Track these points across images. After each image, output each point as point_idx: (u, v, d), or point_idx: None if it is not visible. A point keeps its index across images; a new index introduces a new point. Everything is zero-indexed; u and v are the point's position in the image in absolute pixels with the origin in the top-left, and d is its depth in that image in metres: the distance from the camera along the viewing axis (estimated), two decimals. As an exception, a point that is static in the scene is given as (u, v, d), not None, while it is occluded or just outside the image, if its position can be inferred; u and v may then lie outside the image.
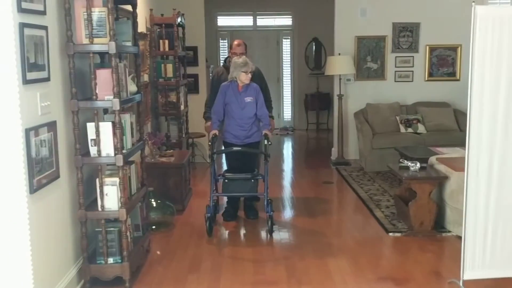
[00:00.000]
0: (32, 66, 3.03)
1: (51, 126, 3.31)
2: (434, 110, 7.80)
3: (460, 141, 5.46)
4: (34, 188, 3.03)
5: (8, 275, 2.93)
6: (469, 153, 3.39)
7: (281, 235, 4.94)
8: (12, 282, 2.95)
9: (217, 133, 5.16)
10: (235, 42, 5.73)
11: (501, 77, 3.33)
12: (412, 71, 8.26)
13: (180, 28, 7.05)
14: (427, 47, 8.17)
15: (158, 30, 6.80)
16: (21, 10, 2.89)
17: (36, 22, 3.09)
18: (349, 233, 5.11)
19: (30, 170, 2.99)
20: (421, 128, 7.59)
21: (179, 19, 6.82)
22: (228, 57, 5.84)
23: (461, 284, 3.55)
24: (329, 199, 6.43)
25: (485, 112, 3.36)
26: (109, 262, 3.73)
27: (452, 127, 7.60)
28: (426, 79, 8.26)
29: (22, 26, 2.90)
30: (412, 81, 8.27)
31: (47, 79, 3.26)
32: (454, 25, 7.75)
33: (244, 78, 5.06)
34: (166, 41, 6.75)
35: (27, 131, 2.96)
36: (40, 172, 3.12)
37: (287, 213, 5.75)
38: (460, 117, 7.68)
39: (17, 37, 2.86)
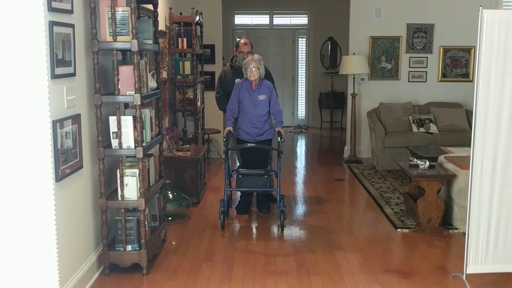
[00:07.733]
0: (60, 62, 3.22)
1: (76, 118, 3.49)
2: (446, 111, 7.88)
3: (471, 142, 5.54)
4: (59, 177, 3.22)
5: (35, 258, 3.12)
6: (474, 152, 3.51)
7: (292, 230, 5.08)
8: (38, 265, 3.13)
9: (231, 130, 5.26)
10: (242, 41, 5.81)
11: (506, 79, 3.44)
12: (426, 71, 8.34)
13: (198, 27, 7.20)
14: (441, 48, 8.23)
15: (177, 28, 6.95)
16: (51, 9, 3.07)
17: (64, 21, 3.28)
18: (359, 228, 5.23)
19: (57, 160, 3.18)
20: (433, 128, 7.67)
21: (197, 18, 6.96)
22: (234, 56, 5.93)
23: (464, 278, 3.67)
24: (340, 196, 6.55)
25: (490, 112, 3.48)
26: (127, 249, 3.91)
27: (464, 127, 7.65)
28: (439, 79, 8.34)
29: (52, 24, 3.09)
30: (426, 81, 8.35)
31: (73, 74, 3.44)
32: (468, 27, 7.76)
33: (248, 75, 5.21)
34: (184, 39, 6.90)
35: (54, 123, 3.15)
36: (65, 162, 3.31)
37: (299, 209, 5.89)
38: (472, 117, 7.68)
39: (47, 35, 3.05)
